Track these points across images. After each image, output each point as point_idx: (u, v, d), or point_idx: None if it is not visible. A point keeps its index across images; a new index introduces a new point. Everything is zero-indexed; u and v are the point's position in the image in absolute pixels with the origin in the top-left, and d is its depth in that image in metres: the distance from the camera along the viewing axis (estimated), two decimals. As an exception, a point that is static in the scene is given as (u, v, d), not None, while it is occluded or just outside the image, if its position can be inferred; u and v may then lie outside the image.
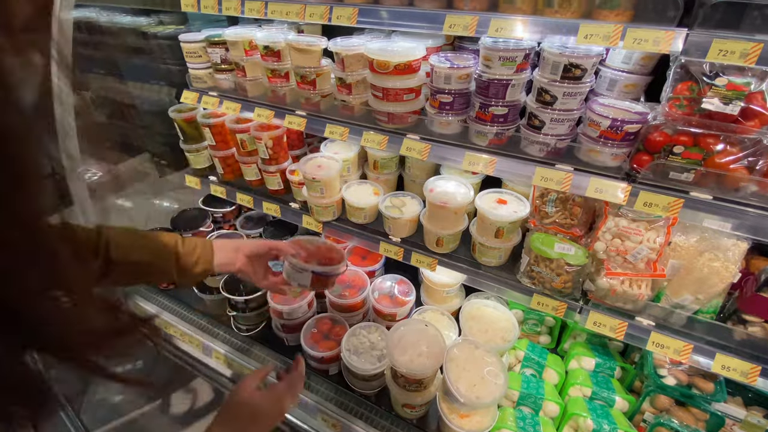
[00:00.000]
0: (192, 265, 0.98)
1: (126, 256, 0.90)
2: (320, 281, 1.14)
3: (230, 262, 1.06)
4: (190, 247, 0.99)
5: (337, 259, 1.16)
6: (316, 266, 1.12)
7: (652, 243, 1.07)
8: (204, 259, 1.01)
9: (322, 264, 1.15)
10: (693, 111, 1.01)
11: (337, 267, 1.14)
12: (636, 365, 1.39)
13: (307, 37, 1.43)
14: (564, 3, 1.05)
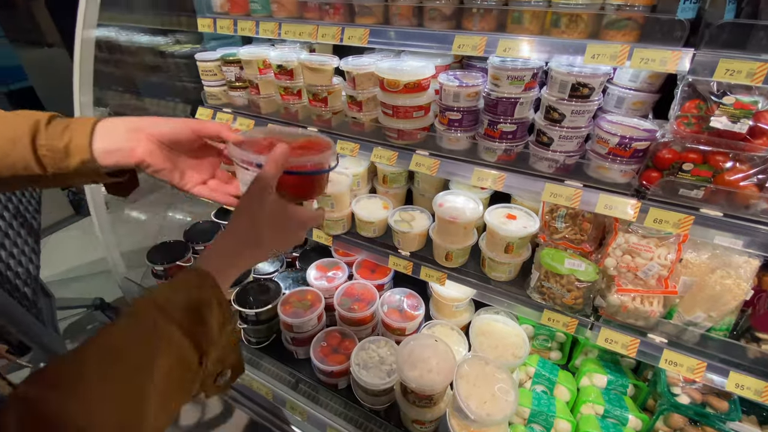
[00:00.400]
0: (61, 152, 0.66)
1: None
2: (290, 185, 0.72)
3: (123, 148, 0.68)
4: (58, 128, 0.67)
5: (317, 149, 0.76)
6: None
7: (663, 260, 1.07)
8: (78, 144, 0.66)
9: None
10: (701, 129, 1.02)
11: (310, 159, 0.72)
12: (649, 383, 1.37)
13: (319, 57, 1.47)
14: (571, 23, 1.07)
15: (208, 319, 0.55)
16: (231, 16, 1.60)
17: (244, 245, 0.65)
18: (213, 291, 0.58)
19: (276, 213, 0.67)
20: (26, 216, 1.49)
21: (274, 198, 0.66)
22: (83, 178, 0.70)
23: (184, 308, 0.54)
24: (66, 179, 0.69)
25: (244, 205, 0.65)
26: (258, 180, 0.65)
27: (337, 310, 1.60)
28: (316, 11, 1.44)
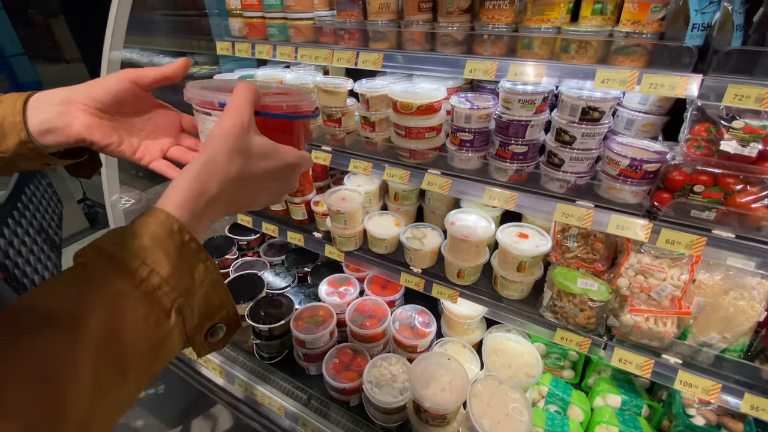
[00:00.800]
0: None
1: None
2: (265, 131, 0.57)
3: (58, 126, 0.59)
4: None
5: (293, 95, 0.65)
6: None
7: (676, 280, 1.07)
8: (11, 122, 0.58)
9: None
10: (711, 152, 1.04)
11: (286, 99, 0.61)
12: (664, 404, 1.36)
13: (334, 80, 1.52)
14: (580, 49, 1.11)
15: (177, 270, 0.44)
16: (249, 39, 1.67)
17: (221, 185, 0.50)
18: (169, 228, 0.45)
19: (263, 152, 0.53)
20: (48, 232, 1.54)
21: (256, 134, 0.53)
22: (30, 161, 0.60)
23: (146, 260, 0.42)
24: (12, 164, 0.60)
25: (218, 142, 0.50)
26: (231, 112, 0.51)
27: (349, 327, 1.61)
28: (331, 36, 1.50)
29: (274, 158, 0.55)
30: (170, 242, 0.45)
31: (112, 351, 0.39)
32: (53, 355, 0.36)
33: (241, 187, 0.53)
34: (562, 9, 1.12)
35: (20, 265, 1.20)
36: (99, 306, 0.39)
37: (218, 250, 2.06)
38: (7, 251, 1.15)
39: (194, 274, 0.47)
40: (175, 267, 0.44)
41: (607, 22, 1.11)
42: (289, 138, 0.62)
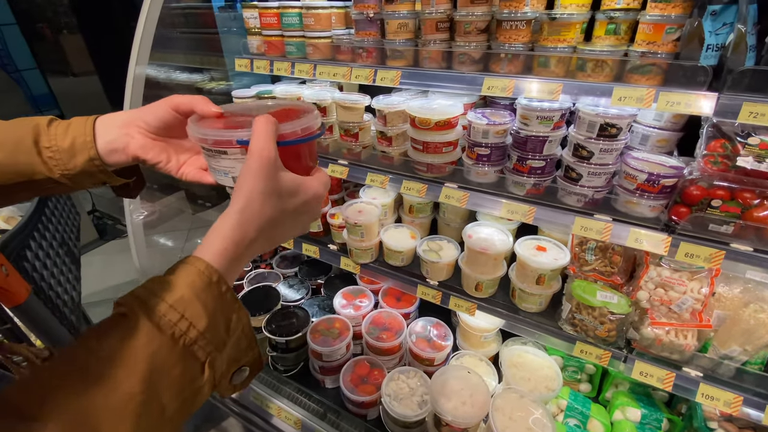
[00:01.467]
0: (66, 152, 0.63)
1: None
2: (283, 159, 0.57)
3: (118, 146, 0.65)
4: (59, 128, 0.65)
5: (296, 114, 0.63)
6: (238, 132, 0.56)
7: (696, 293, 1.09)
8: (82, 141, 0.63)
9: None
10: (728, 167, 1.06)
11: (298, 123, 0.59)
12: (683, 417, 1.36)
13: (352, 96, 1.56)
14: (597, 68, 1.15)
15: (214, 322, 0.46)
16: (267, 57, 1.71)
17: (258, 231, 0.52)
18: (217, 287, 0.47)
19: (292, 189, 0.55)
20: (69, 244, 1.56)
21: (282, 171, 0.54)
22: (92, 178, 0.66)
23: (185, 314, 0.44)
24: (75, 181, 0.65)
25: (250, 187, 0.51)
26: (257, 154, 0.51)
27: (366, 339, 1.62)
28: (348, 54, 1.54)
29: (302, 193, 0.56)
30: (208, 294, 0.46)
31: (152, 409, 0.40)
32: (95, 414, 0.37)
33: (276, 227, 0.54)
34: (577, 29, 1.16)
35: (46, 278, 1.22)
36: (140, 365, 0.40)
37: (232, 262, 2.08)
38: (34, 264, 1.17)
39: (229, 324, 0.48)
40: (211, 319, 0.45)
41: (620, 42, 1.15)
42: (305, 161, 0.63)
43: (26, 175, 0.62)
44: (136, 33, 1.54)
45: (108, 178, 0.67)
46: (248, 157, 0.52)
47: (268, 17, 1.65)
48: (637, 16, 1.10)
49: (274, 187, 0.52)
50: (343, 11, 1.63)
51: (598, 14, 1.15)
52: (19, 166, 0.61)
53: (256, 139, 0.53)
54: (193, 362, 0.44)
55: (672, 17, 1.04)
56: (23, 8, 3.58)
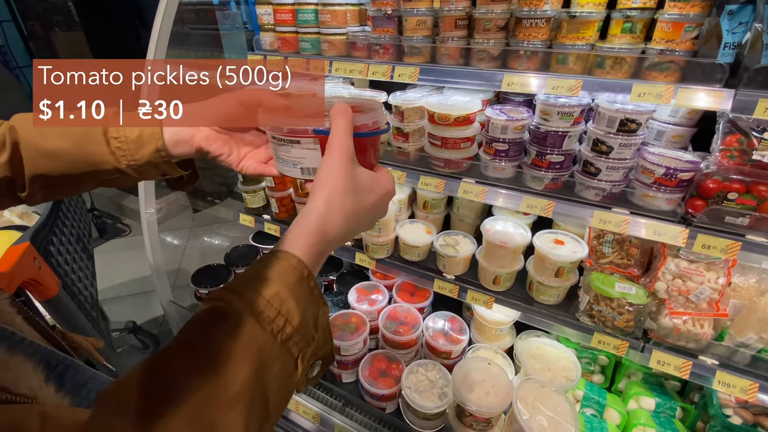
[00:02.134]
0: (134, 142, 0.65)
1: (38, 145, 0.62)
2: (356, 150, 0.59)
3: (183, 137, 0.67)
4: (128, 121, 0.66)
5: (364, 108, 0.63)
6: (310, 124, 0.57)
7: (713, 283, 1.12)
8: (150, 132, 0.65)
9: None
10: (744, 161, 1.10)
11: (369, 116, 0.59)
12: (697, 405, 1.40)
13: (369, 92, 1.57)
14: (615, 65, 1.17)
15: (305, 317, 0.46)
16: (281, 53, 1.72)
17: (339, 227, 0.52)
18: (307, 282, 0.47)
19: (368, 185, 0.55)
20: (84, 241, 1.55)
21: (359, 167, 0.55)
22: (156, 169, 0.67)
23: (281, 310, 0.44)
24: (139, 172, 0.67)
25: (333, 182, 0.51)
26: (338, 147, 0.52)
27: (383, 333, 1.63)
28: (364, 50, 1.55)
29: (377, 189, 0.57)
30: (300, 289, 0.46)
31: (259, 405, 0.41)
32: (210, 411, 0.37)
33: (354, 222, 0.54)
34: (595, 27, 1.19)
35: (69, 273, 1.21)
36: (248, 361, 0.40)
37: (244, 258, 2.08)
38: (58, 259, 1.16)
39: (317, 320, 0.49)
40: (303, 315, 0.46)
41: (636, 40, 1.18)
42: (371, 156, 0.62)
43: (94, 165, 0.63)
44: (153, 29, 1.54)
45: (170, 169, 0.68)
46: (329, 149, 0.52)
47: (282, 13, 1.65)
48: (653, 14, 1.13)
49: (353, 182, 0.52)
50: (358, 8, 1.64)
51: (614, 13, 1.18)
52: (87, 156, 0.63)
53: (336, 130, 0.52)
54: (289, 358, 0.44)
55: (691, 16, 1.07)
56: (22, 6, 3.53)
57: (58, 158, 0.63)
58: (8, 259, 0.83)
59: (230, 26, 2.77)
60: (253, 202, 1.96)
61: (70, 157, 0.63)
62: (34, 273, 0.91)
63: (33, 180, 0.63)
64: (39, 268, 0.91)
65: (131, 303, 2.84)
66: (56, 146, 0.62)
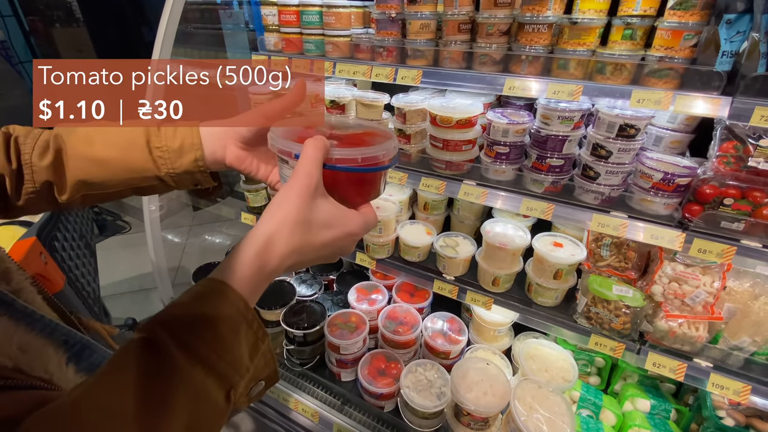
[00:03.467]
0: (175, 152, 0.69)
1: (84, 153, 0.66)
2: (339, 183, 0.57)
3: (218, 158, 0.71)
4: (169, 132, 0.70)
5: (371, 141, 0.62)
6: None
7: (709, 287, 1.14)
8: (190, 143, 0.69)
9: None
10: (740, 167, 1.12)
11: (363, 150, 0.57)
12: (691, 407, 1.42)
13: (372, 94, 1.59)
14: (615, 71, 1.19)
15: (235, 345, 0.45)
16: (285, 54, 1.73)
17: (281, 260, 0.50)
18: (239, 310, 0.46)
19: (326, 221, 0.53)
20: (87, 238, 1.56)
21: (322, 199, 0.53)
22: (191, 178, 0.70)
23: (206, 339, 0.43)
24: (177, 180, 0.70)
25: (283, 213, 0.50)
26: (299, 176, 0.51)
27: (383, 333, 1.65)
28: (368, 52, 1.57)
29: (336, 227, 0.54)
30: (241, 327, 0.46)
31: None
32: None
33: (301, 256, 0.53)
34: (596, 33, 1.21)
35: (73, 269, 1.22)
36: (185, 417, 0.39)
37: (244, 257, 2.09)
38: (62, 255, 1.17)
39: (256, 352, 0.48)
40: (243, 353, 0.45)
41: (636, 46, 1.20)
42: (351, 192, 0.59)
43: (136, 172, 0.68)
44: (159, 28, 1.55)
45: (204, 180, 0.72)
46: (291, 177, 0.52)
47: (287, 14, 1.67)
48: (653, 22, 1.15)
49: (306, 216, 0.51)
50: (362, 11, 1.66)
51: (614, 20, 1.20)
52: (132, 163, 0.67)
53: (302, 160, 0.52)
54: (221, 397, 0.44)
55: (690, 24, 1.09)
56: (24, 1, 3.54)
57: (104, 165, 0.67)
58: (16, 254, 0.84)
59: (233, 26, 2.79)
60: (255, 201, 1.97)
61: (116, 164, 0.67)
62: (40, 268, 0.92)
63: (75, 185, 0.66)
64: (45, 263, 0.92)
65: (130, 300, 2.84)
66: (104, 154, 0.66)
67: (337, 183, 0.56)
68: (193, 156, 0.69)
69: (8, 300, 0.43)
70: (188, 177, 0.70)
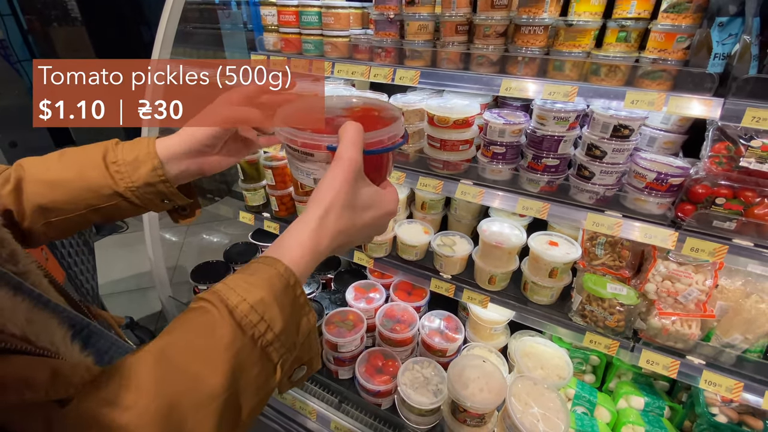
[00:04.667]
0: (131, 164, 0.66)
1: (41, 177, 0.65)
2: (366, 166, 0.58)
3: (181, 164, 0.70)
4: (126, 146, 0.69)
5: (382, 117, 0.65)
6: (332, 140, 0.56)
7: (701, 285, 1.16)
8: (146, 153, 0.67)
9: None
10: (732, 167, 1.14)
11: (386, 131, 0.59)
12: (684, 405, 1.43)
13: (370, 94, 1.60)
14: (610, 72, 1.21)
15: (288, 324, 0.47)
16: (284, 54, 1.75)
17: (331, 241, 0.53)
18: (293, 290, 0.49)
19: (368, 203, 0.56)
20: (85, 235, 1.56)
21: (363, 182, 0.56)
22: (153, 191, 0.68)
23: (264, 316, 0.45)
24: (139, 195, 0.67)
25: (331, 198, 0.52)
26: (342, 163, 0.52)
27: (380, 331, 1.66)
28: (366, 53, 1.58)
29: (377, 208, 0.57)
30: (286, 297, 0.48)
31: (232, 408, 0.42)
32: (180, 410, 0.38)
33: (347, 237, 0.56)
34: (591, 36, 1.23)
35: (71, 266, 1.23)
36: (225, 363, 0.42)
37: (242, 256, 2.10)
38: (61, 251, 1.18)
39: (300, 327, 0.50)
40: (286, 322, 0.47)
41: (630, 49, 1.22)
42: (383, 171, 0.62)
43: (94, 191, 0.66)
44: (159, 28, 1.56)
45: (170, 193, 0.70)
46: (334, 164, 0.53)
47: (286, 15, 1.68)
48: (647, 25, 1.17)
49: (353, 200, 0.54)
50: (360, 11, 1.67)
51: (609, 22, 1.21)
52: (89, 181, 0.66)
53: (343, 147, 0.53)
54: (268, 363, 0.46)
55: (683, 27, 1.11)
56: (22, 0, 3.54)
57: (61, 187, 0.65)
58: (16, 250, 0.84)
59: (231, 26, 2.79)
60: (253, 200, 1.98)
61: (73, 184, 0.65)
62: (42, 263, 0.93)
63: (34, 211, 0.65)
64: (47, 259, 0.93)
65: (127, 299, 2.84)
66: (60, 176, 0.65)
67: (366, 166, 0.56)
68: (150, 165, 0.66)
69: (15, 282, 0.43)
70: (151, 190, 0.68)
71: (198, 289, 1.91)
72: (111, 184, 0.66)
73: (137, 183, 0.66)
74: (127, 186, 0.66)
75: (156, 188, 0.68)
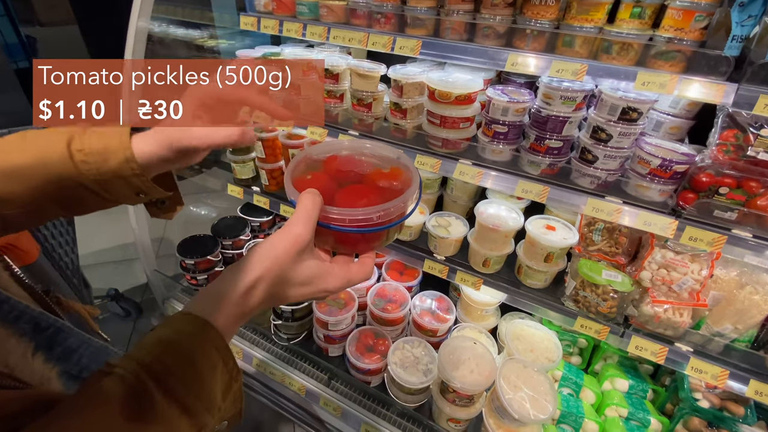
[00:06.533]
0: (100, 154, 0.58)
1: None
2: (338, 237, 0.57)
3: (160, 153, 0.62)
4: (94, 134, 0.60)
5: (393, 187, 0.60)
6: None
7: (696, 274, 1.16)
8: (117, 142, 0.59)
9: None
10: (738, 156, 1.11)
11: (379, 209, 0.54)
12: (667, 388, 1.47)
13: (368, 64, 1.51)
14: (622, 51, 1.15)
15: (212, 387, 0.45)
16: (276, 16, 1.63)
17: (258, 305, 0.52)
18: (218, 349, 0.46)
19: (305, 280, 0.54)
20: (63, 205, 1.48)
21: (308, 257, 0.54)
22: (124, 184, 0.60)
23: (184, 378, 0.42)
24: (108, 188, 0.60)
25: (266, 268, 0.51)
26: (289, 238, 0.51)
27: (371, 310, 1.64)
28: (364, 18, 1.48)
29: (312, 285, 0.55)
30: (218, 367, 0.46)
31: None
32: None
33: (274, 302, 0.55)
34: (605, 9, 1.16)
35: (49, 239, 1.16)
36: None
37: (231, 230, 2.04)
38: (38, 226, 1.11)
39: (228, 393, 0.48)
40: (217, 393, 0.45)
41: (644, 26, 1.15)
42: (361, 244, 0.58)
43: (53, 180, 0.57)
44: (138, -20, 1.43)
45: (146, 186, 0.62)
46: (281, 232, 0.52)
47: (279, -26, 1.55)
48: (663, 1, 1.11)
49: (288, 275, 0.52)
50: (360, -27, 1.55)
51: (624, -5, 1.14)
52: (48, 169, 0.56)
53: (297, 215, 0.52)
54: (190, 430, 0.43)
55: (702, 5, 1.05)
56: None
57: (15, 175, 0.56)
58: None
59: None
60: (242, 173, 1.91)
61: (28, 172, 0.56)
62: (11, 237, 0.86)
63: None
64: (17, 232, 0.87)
65: (112, 270, 2.78)
66: (15, 162, 0.56)
67: (331, 235, 0.55)
68: (122, 156, 0.58)
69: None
70: (122, 183, 0.60)
71: (185, 263, 1.86)
72: (74, 175, 0.57)
73: (106, 176, 0.58)
74: (94, 178, 0.58)
75: (129, 181, 0.60)
